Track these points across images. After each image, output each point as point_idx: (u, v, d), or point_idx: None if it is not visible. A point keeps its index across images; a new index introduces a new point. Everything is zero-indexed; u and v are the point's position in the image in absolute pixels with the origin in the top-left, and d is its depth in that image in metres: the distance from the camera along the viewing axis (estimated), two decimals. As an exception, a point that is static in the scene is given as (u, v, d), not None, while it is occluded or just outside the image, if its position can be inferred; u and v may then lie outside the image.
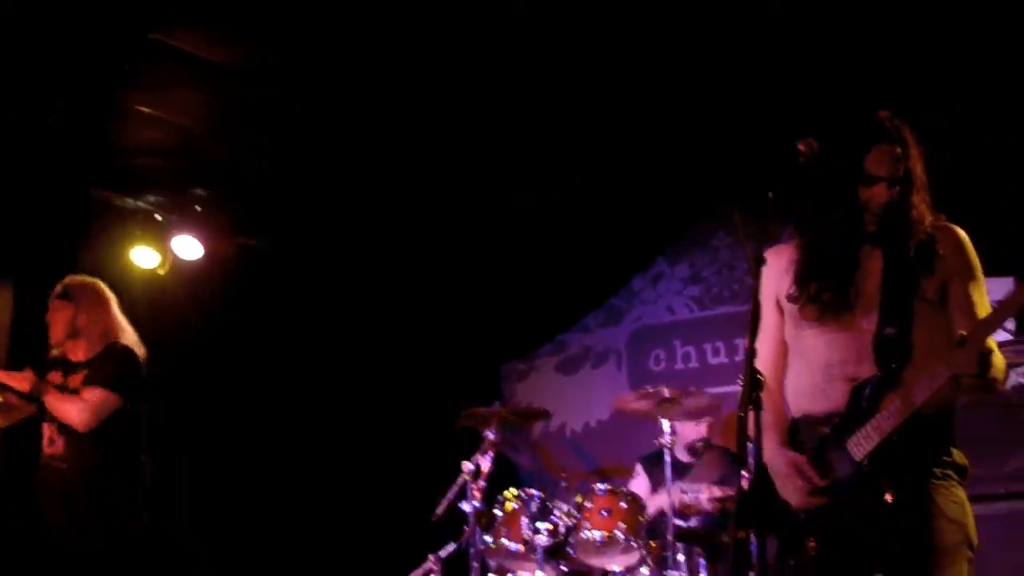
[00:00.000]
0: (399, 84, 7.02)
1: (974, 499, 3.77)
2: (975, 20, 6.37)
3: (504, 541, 6.80)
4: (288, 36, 6.49)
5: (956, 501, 3.67)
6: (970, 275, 3.78)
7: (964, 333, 3.42)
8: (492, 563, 7.19)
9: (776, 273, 3.88)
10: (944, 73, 6.64)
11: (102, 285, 6.37)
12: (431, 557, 7.09)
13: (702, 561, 6.88)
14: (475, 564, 6.79)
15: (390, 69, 6.85)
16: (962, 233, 3.83)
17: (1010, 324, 7.11)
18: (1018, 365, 6.30)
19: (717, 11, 6.36)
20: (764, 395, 3.26)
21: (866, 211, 3.77)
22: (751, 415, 3.21)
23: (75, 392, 6.00)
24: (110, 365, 6.09)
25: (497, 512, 6.91)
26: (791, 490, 3.71)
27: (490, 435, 7.07)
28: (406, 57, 6.73)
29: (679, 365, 8.91)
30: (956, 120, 6.45)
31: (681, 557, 6.77)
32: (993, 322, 3.48)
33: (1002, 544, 5.99)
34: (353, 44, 6.61)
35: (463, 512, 6.87)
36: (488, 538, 6.85)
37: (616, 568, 6.90)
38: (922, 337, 3.68)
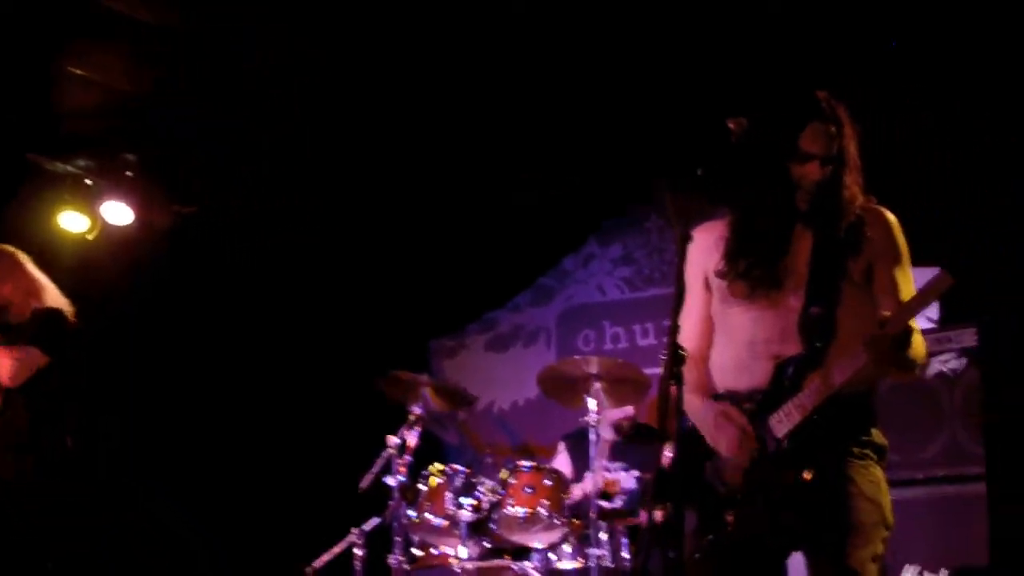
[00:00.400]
0: (332, 44, 6.96)
1: (893, 484, 3.81)
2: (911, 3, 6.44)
3: (428, 516, 6.80)
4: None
5: (873, 480, 3.69)
6: (896, 258, 3.79)
7: (886, 315, 3.43)
8: (415, 538, 7.19)
9: (704, 249, 3.86)
10: (883, 56, 6.68)
11: (11, 250, 6.34)
12: (354, 531, 7.09)
13: (624, 540, 6.91)
14: (398, 538, 6.78)
15: (325, 28, 6.79)
16: (891, 216, 3.84)
17: (934, 314, 7.24)
18: (939, 354, 6.38)
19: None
20: (689, 367, 3.26)
21: (798, 189, 3.77)
22: (672, 390, 3.21)
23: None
24: (36, 324, 6.12)
25: (422, 487, 6.91)
26: (720, 438, 3.72)
27: (416, 410, 7.07)
28: (339, 16, 6.67)
29: (608, 345, 8.93)
30: (892, 105, 6.49)
31: (604, 535, 6.78)
32: (915, 306, 3.49)
33: (915, 530, 6.09)
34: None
35: (388, 486, 6.85)
36: (412, 513, 6.85)
37: (538, 545, 6.93)
38: (847, 317, 3.69)
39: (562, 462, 7.56)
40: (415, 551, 7.22)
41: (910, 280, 3.79)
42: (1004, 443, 6.12)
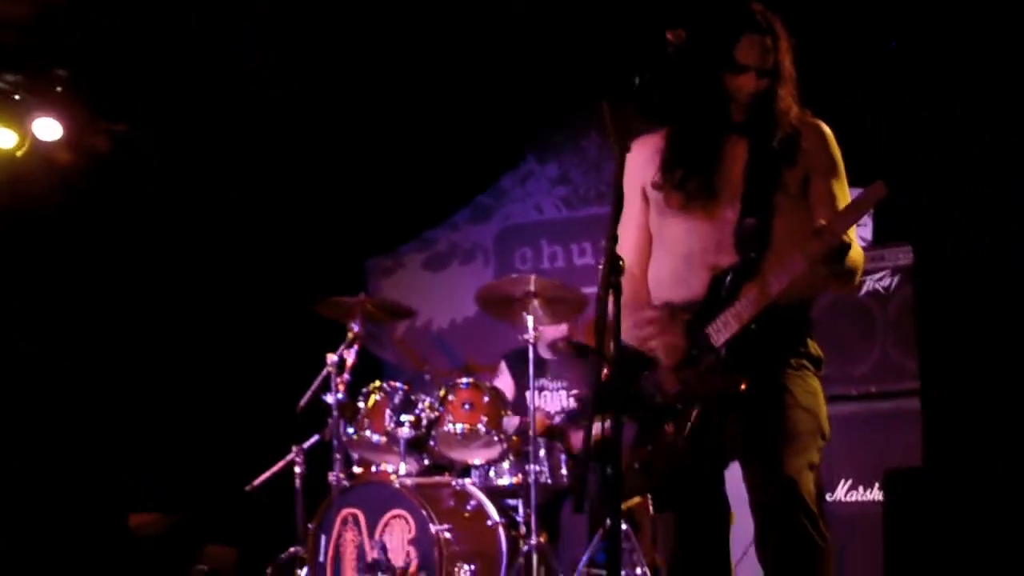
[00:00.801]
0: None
1: (826, 400, 3.86)
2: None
3: (367, 433, 6.81)
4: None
5: (810, 391, 3.74)
6: (832, 170, 3.82)
7: (823, 223, 3.46)
8: (355, 455, 7.22)
9: (642, 161, 3.86)
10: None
11: None
12: (294, 448, 7.13)
13: (563, 457, 6.97)
14: (338, 456, 6.78)
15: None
16: (827, 129, 3.86)
17: (867, 233, 7.30)
18: (872, 272, 6.44)
19: None
20: (626, 279, 3.25)
21: (733, 100, 3.79)
22: (610, 300, 3.21)
23: None
24: None
25: (360, 405, 6.91)
26: (658, 345, 3.75)
27: (355, 328, 7.05)
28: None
29: (546, 264, 8.94)
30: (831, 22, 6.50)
31: (543, 453, 6.84)
32: (850, 215, 3.53)
33: (849, 445, 6.18)
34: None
35: (326, 404, 6.85)
36: (351, 430, 6.86)
37: (477, 461, 6.97)
38: (782, 228, 3.71)
39: (504, 382, 7.58)
40: (355, 468, 7.25)
41: (846, 191, 3.82)
42: (937, 355, 6.20)
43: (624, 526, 6.36)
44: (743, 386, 3.62)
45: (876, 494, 6.14)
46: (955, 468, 5.90)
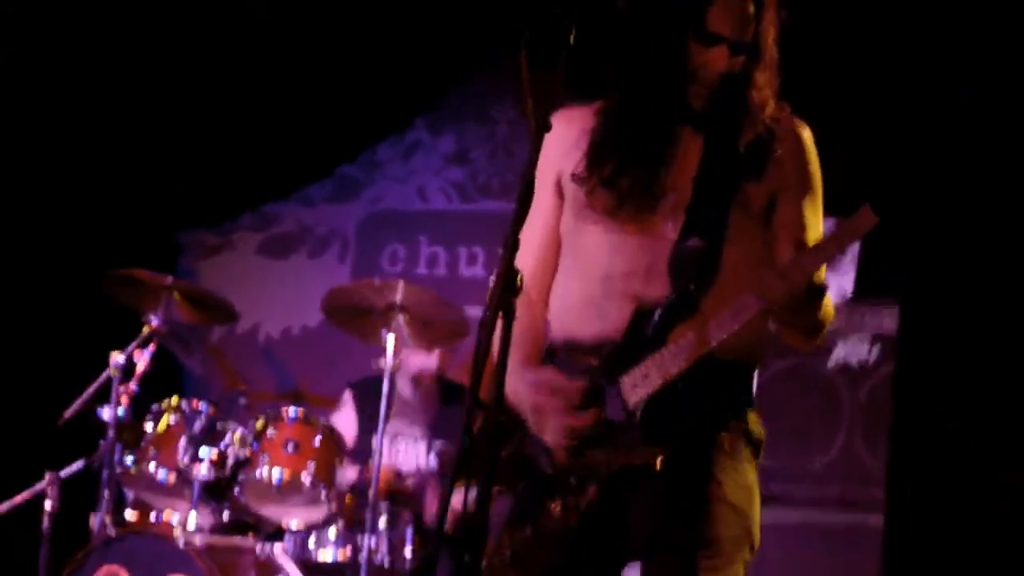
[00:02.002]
0: None
1: (766, 500, 3.84)
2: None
3: (150, 467, 6.75)
4: None
5: (743, 484, 3.69)
6: (807, 188, 3.78)
7: (791, 257, 3.45)
8: (130, 494, 7.18)
9: (563, 145, 3.75)
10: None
11: None
12: (48, 475, 6.92)
13: (410, 530, 6.95)
14: (106, 493, 6.71)
15: None
16: (808, 134, 3.83)
17: (849, 284, 7.35)
18: (846, 335, 6.51)
19: None
20: (520, 303, 3.17)
21: (695, 81, 3.73)
22: (499, 325, 3.13)
23: None
24: None
25: (148, 427, 6.84)
26: (544, 421, 3.67)
27: (153, 321, 6.96)
28: None
29: (421, 269, 8.99)
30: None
31: (383, 521, 6.83)
32: (828, 249, 3.47)
33: (788, 566, 6.22)
34: None
35: (101, 421, 6.75)
36: (129, 459, 6.78)
37: (295, 524, 6.94)
38: (735, 256, 3.67)
39: (345, 418, 7.55)
40: (127, 512, 7.18)
41: (820, 220, 3.80)
42: (913, 463, 6.28)
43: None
44: (660, 461, 3.54)
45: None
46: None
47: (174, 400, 6.89)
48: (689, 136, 3.76)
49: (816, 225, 3.75)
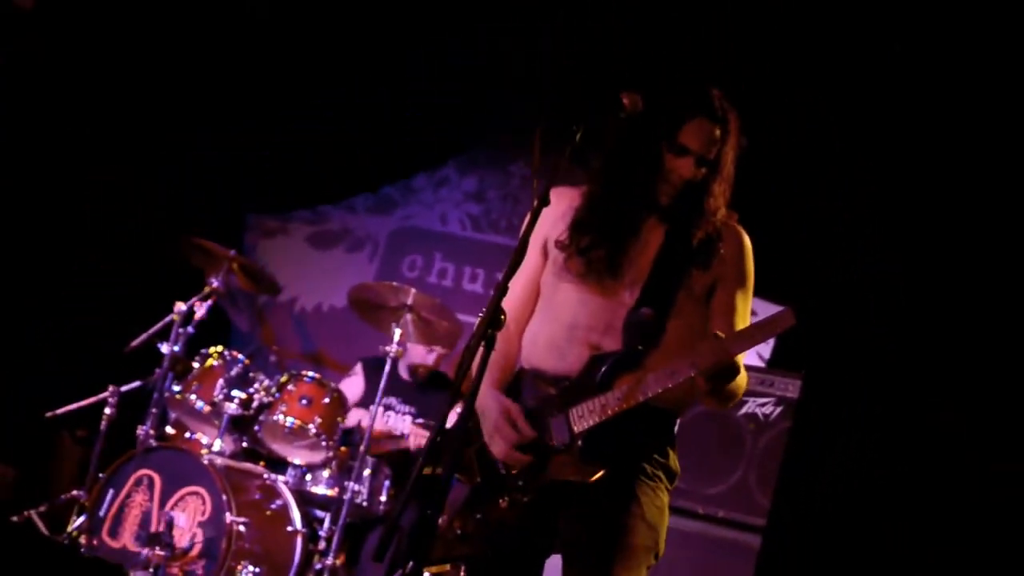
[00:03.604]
0: None
1: (672, 511, 3.89)
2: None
3: (192, 396, 6.80)
4: None
5: (658, 506, 3.74)
6: (741, 283, 3.84)
7: (720, 335, 3.47)
8: (173, 415, 7.16)
9: (553, 215, 3.79)
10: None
11: None
12: (111, 388, 7.00)
13: (387, 483, 6.99)
14: (154, 410, 6.74)
15: None
16: (747, 239, 3.87)
17: (766, 352, 7.44)
18: (759, 396, 6.52)
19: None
20: (500, 336, 3.25)
21: (665, 181, 3.77)
22: (480, 351, 3.21)
23: None
24: None
25: (195, 364, 6.89)
26: (496, 439, 3.71)
27: (214, 282, 7.02)
28: None
29: (432, 279, 8.93)
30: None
31: (367, 472, 6.87)
32: (752, 337, 3.53)
33: (680, 565, 6.23)
34: None
35: (160, 353, 6.81)
36: (177, 388, 6.83)
37: (297, 461, 6.96)
38: (677, 328, 3.73)
39: (354, 384, 7.58)
40: (168, 428, 7.21)
41: (748, 309, 3.85)
42: (791, 503, 6.31)
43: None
44: (595, 478, 3.60)
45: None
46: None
47: (219, 348, 6.95)
48: (654, 225, 3.81)
49: (744, 312, 3.82)
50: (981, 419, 6.16)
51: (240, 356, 6.91)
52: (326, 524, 6.78)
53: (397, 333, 6.73)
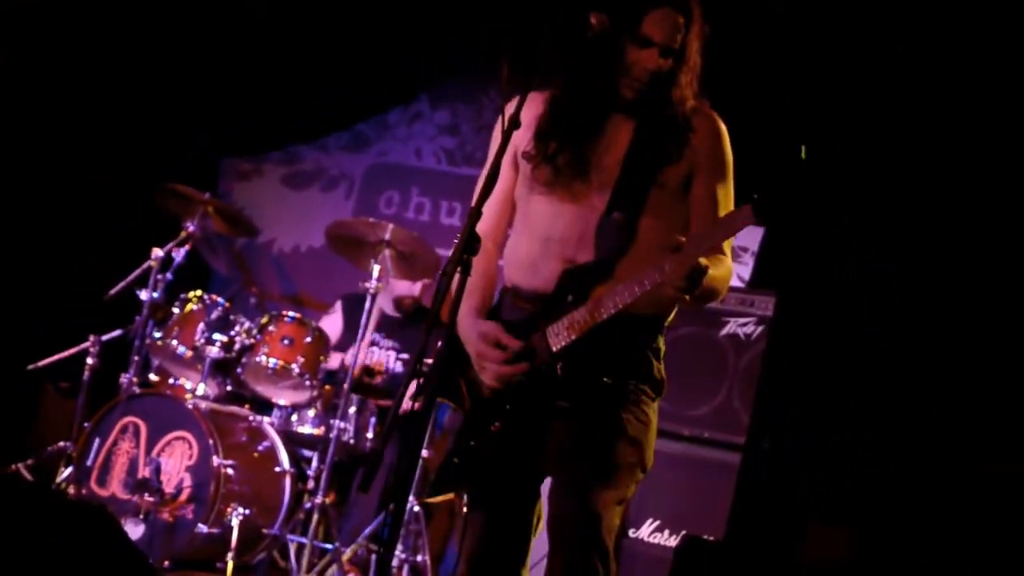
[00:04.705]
0: None
1: (660, 433, 3.88)
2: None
3: (173, 342, 6.79)
4: None
5: (642, 420, 3.69)
6: (719, 172, 3.74)
7: (682, 240, 3.39)
8: (155, 361, 7.18)
9: (522, 126, 3.62)
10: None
11: None
12: (91, 337, 7.00)
13: (373, 419, 7.00)
14: (136, 358, 6.74)
15: None
16: (722, 125, 3.78)
17: (745, 272, 7.43)
18: (739, 316, 6.53)
19: None
20: (478, 258, 3.22)
21: (628, 75, 3.68)
22: (457, 277, 3.19)
23: None
24: None
25: (175, 310, 6.88)
26: (483, 364, 3.67)
27: (190, 227, 7.00)
28: None
29: (410, 214, 8.89)
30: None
31: (353, 409, 6.88)
32: (712, 235, 3.46)
33: (667, 486, 6.27)
34: None
35: (139, 300, 6.79)
36: (158, 334, 6.83)
37: (282, 402, 6.97)
38: (651, 228, 3.65)
39: (334, 322, 7.58)
40: (151, 375, 7.22)
41: (731, 198, 3.76)
42: (768, 419, 6.34)
43: (416, 508, 6.41)
44: (564, 404, 3.61)
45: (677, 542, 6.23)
46: (754, 541, 6.07)
47: (198, 292, 6.93)
48: (620, 122, 3.73)
49: (727, 202, 3.73)
50: (974, 419, 6.18)
51: (220, 299, 6.88)
52: (314, 463, 6.78)
53: (376, 269, 6.68)
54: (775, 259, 7.13)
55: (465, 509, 3.86)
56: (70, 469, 6.54)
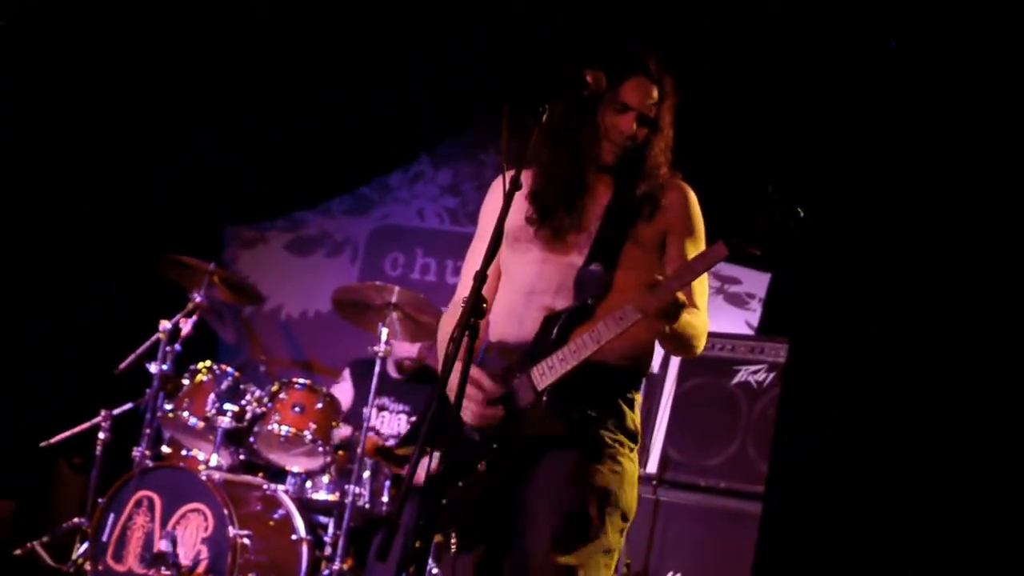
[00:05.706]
0: None
1: (674, 486, 3.88)
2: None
3: (184, 414, 6.79)
4: None
5: (616, 471, 3.76)
6: (690, 231, 3.92)
7: (660, 278, 3.54)
8: (167, 434, 7.18)
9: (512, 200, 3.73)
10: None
11: None
12: (102, 412, 7.00)
13: (388, 483, 6.97)
14: (148, 431, 6.74)
15: None
16: (691, 192, 3.96)
17: (754, 319, 7.43)
18: (750, 364, 6.52)
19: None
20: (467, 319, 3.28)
21: (607, 140, 3.87)
22: (465, 341, 3.24)
23: None
24: None
25: (185, 381, 6.89)
26: (465, 404, 3.70)
27: (197, 297, 7.02)
28: None
29: (415, 275, 8.92)
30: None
31: (367, 474, 6.86)
32: (687, 272, 3.61)
33: (688, 536, 6.23)
34: None
35: (149, 373, 6.81)
36: (169, 406, 6.83)
37: (296, 469, 6.96)
38: (626, 279, 3.78)
39: (344, 390, 7.59)
40: (163, 448, 7.21)
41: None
42: (788, 466, 6.30)
43: (435, 570, 6.39)
44: (561, 431, 3.68)
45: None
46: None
47: (207, 363, 6.94)
48: (601, 180, 3.92)
49: None
50: (974, 418, 6.16)
51: (229, 369, 6.90)
52: (330, 529, 6.78)
53: (384, 332, 6.71)
54: (783, 305, 7.12)
55: (453, 550, 3.86)
56: (86, 545, 6.51)
